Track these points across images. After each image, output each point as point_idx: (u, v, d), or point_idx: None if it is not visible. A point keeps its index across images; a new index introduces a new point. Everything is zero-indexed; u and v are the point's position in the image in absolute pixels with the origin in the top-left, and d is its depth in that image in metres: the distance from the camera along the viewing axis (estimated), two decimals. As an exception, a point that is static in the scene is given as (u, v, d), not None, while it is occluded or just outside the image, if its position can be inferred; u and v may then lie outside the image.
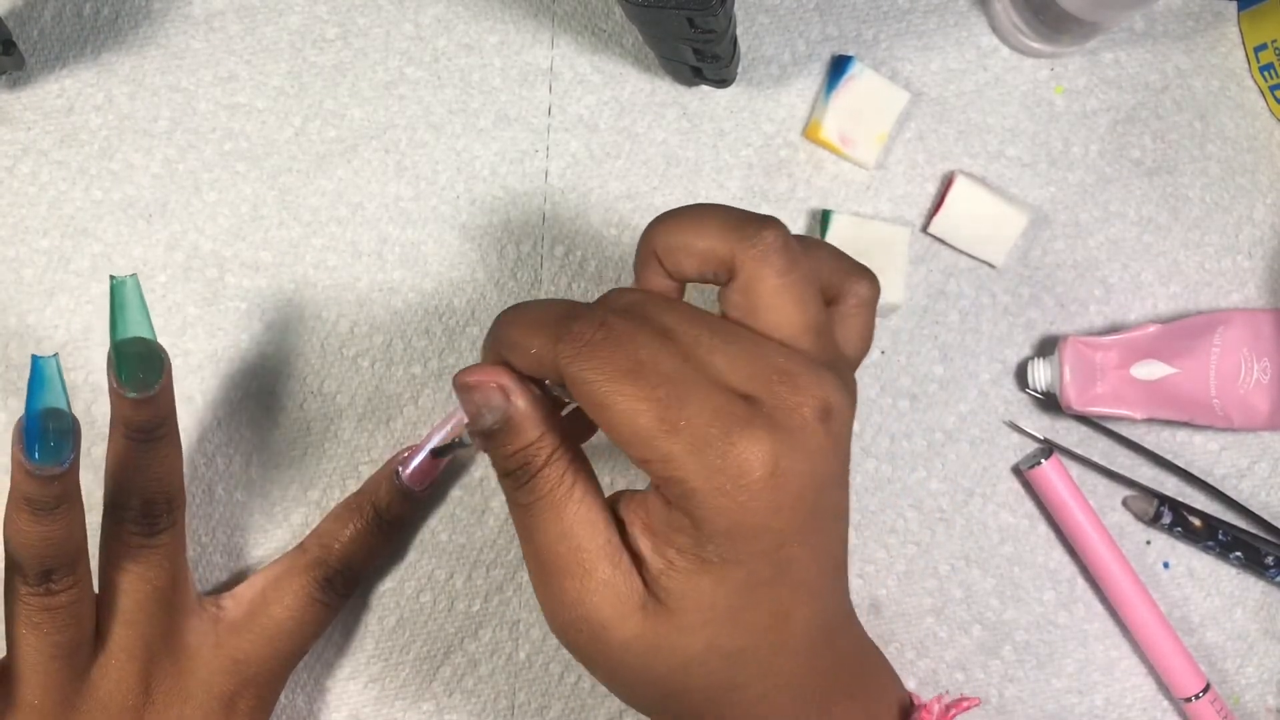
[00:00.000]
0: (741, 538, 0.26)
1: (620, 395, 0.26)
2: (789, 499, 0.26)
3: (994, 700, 0.44)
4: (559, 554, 0.28)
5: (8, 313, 0.43)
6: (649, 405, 0.26)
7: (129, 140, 0.44)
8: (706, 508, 0.26)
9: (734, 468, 0.26)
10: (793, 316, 0.28)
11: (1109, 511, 0.44)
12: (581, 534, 0.28)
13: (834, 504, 0.28)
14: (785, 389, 0.27)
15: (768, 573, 0.27)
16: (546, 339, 0.27)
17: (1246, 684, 0.44)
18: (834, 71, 0.44)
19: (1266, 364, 0.43)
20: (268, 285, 0.43)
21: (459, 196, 0.44)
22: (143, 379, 0.33)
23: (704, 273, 0.30)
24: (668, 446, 0.26)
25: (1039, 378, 0.43)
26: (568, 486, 0.29)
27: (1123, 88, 0.45)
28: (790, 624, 0.28)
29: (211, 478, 0.42)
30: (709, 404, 0.26)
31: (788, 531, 0.27)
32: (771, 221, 0.29)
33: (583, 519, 0.28)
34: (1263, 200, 0.45)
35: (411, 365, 0.43)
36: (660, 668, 0.28)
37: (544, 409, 0.29)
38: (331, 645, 0.42)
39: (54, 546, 0.31)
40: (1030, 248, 0.45)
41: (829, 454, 0.27)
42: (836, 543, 0.29)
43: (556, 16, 0.45)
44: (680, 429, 0.26)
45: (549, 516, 0.28)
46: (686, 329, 0.28)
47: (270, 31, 0.44)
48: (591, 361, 0.26)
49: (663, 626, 0.27)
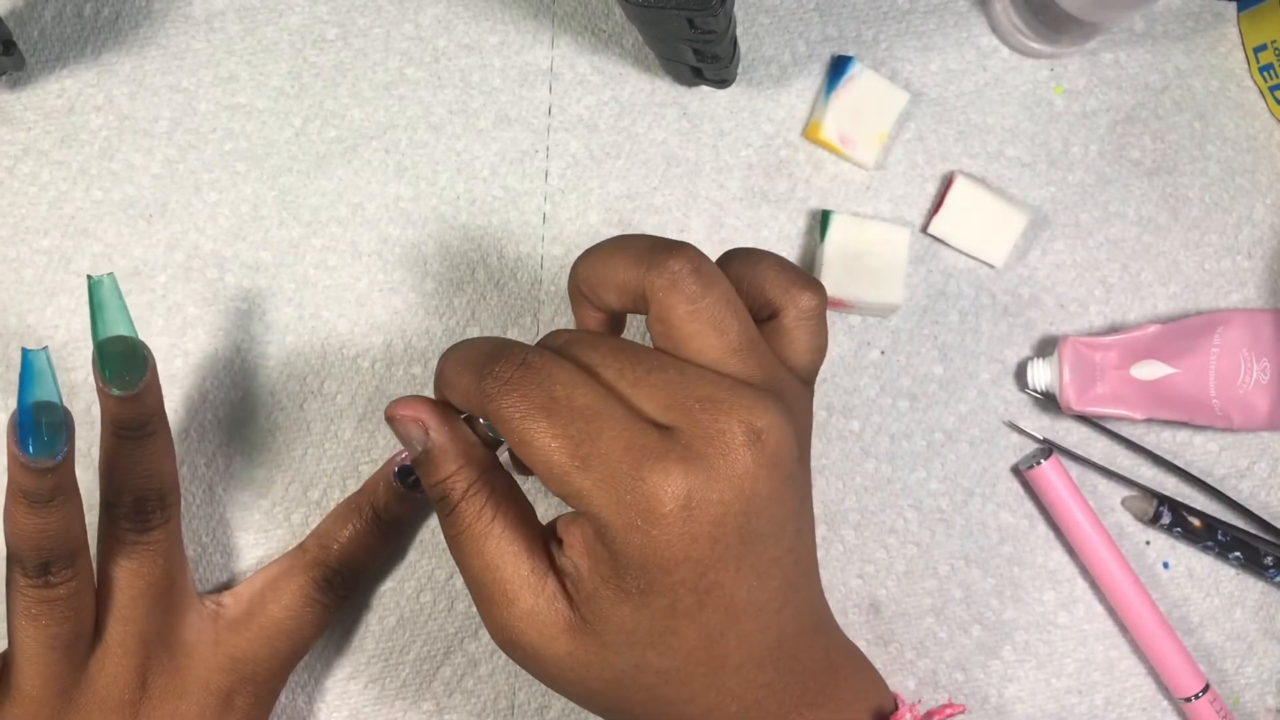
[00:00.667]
0: (658, 569, 0.27)
1: (535, 431, 0.27)
2: (706, 528, 0.26)
3: (994, 700, 0.44)
4: (485, 583, 0.29)
5: (8, 313, 0.43)
6: (562, 442, 0.27)
7: (129, 140, 0.44)
8: (620, 542, 0.27)
9: (644, 502, 0.26)
10: (712, 341, 0.29)
11: (1109, 511, 0.44)
12: (503, 565, 0.29)
13: (770, 524, 0.28)
14: (707, 416, 0.27)
15: (691, 600, 0.27)
16: (472, 377, 0.28)
17: (1246, 684, 0.44)
18: (834, 72, 0.44)
19: (1266, 364, 0.43)
20: (268, 285, 0.43)
21: (459, 197, 0.44)
22: (127, 377, 0.33)
23: (624, 305, 0.30)
24: (580, 482, 0.27)
25: (1039, 378, 0.43)
26: (487, 521, 0.30)
27: (1122, 88, 0.46)
28: (725, 643, 0.28)
29: (212, 478, 0.42)
30: (621, 439, 0.27)
31: (709, 560, 0.27)
32: (679, 248, 0.29)
33: (504, 551, 0.29)
34: (1262, 200, 0.46)
35: (411, 365, 0.43)
36: (595, 682, 0.29)
37: (462, 445, 0.31)
38: (331, 645, 0.42)
39: (51, 539, 0.32)
40: (1030, 248, 0.45)
41: (757, 477, 0.27)
42: (781, 561, 0.29)
43: (556, 17, 0.45)
44: (591, 464, 0.26)
45: (471, 548, 0.30)
46: (609, 364, 0.28)
47: (270, 32, 0.44)
48: (509, 399, 0.27)
49: (591, 646, 0.28)
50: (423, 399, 0.31)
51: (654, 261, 0.29)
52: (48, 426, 0.30)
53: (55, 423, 0.30)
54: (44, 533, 0.32)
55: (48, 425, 0.30)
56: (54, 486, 0.31)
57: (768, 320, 0.32)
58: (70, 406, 0.32)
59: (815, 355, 0.32)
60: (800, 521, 0.29)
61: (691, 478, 0.26)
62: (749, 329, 0.29)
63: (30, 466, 0.30)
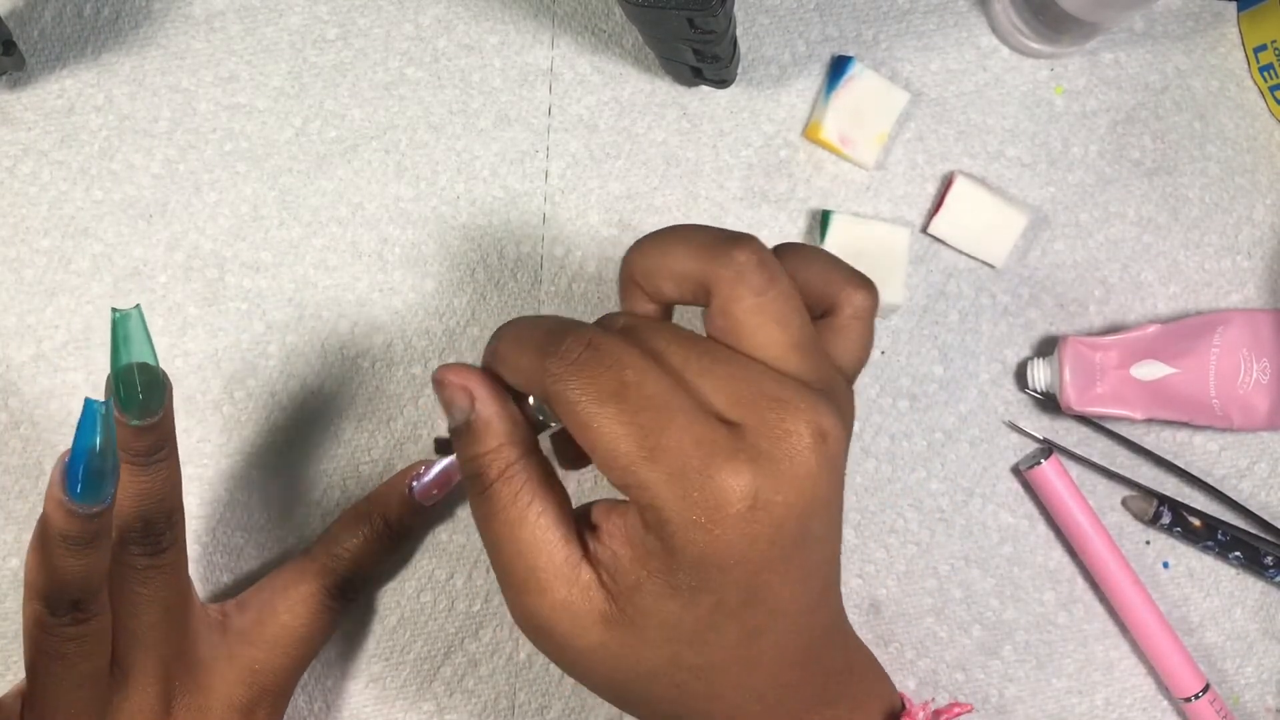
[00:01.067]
0: (714, 568, 0.26)
1: (603, 417, 0.26)
2: (768, 530, 0.26)
3: (994, 700, 0.44)
4: (516, 570, 0.28)
5: (8, 313, 0.43)
6: (630, 430, 0.26)
7: (129, 140, 0.44)
8: (680, 538, 0.26)
9: (711, 500, 0.25)
10: (775, 336, 0.28)
11: (1109, 511, 0.44)
12: (538, 553, 0.28)
13: (823, 527, 0.28)
14: (774, 415, 0.26)
15: (739, 599, 0.27)
16: (534, 355, 0.27)
17: (1246, 684, 0.44)
18: (834, 72, 0.44)
19: (1266, 364, 0.43)
20: (268, 285, 0.43)
21: (459, 197, 0.44)
22: (146, 406, 0.32)
23: (683, 296, 0.29)
24: (646, 474, 0.26)
25: (1039, 378, 0.43)
26: (523, 505, 0.28)
27: (1122, 88, 0.46)
28: (762, 642, 0.28)
29: (213, 478, 0.42)
30: (691, 432, 0.26)
31: (764, 561, 0.26)
32: (745, 240, 0.28)
33: (538, 538, 0.28)
34: (1262, 200, 0.46)
35: (412, 365, 0.43)
36: (623, 675, 0.28)
37: (508, 422, 0.29)
38: (332, 645, 0.42)
39: (83, 581, 0.31)
40: (1030, 248, 0.45)
41: (819, 480, 0.27)
42: (824, 563, 0.29)
43: (556, 17, 0.45)
44: (659, 457, 0.25)
45: (504, 533, 0.28)
46: (674, 351, 0.27)
47: (270, 32, 0.44)
48: (576, 380, 0.26)
49: (626, 639, 0.27)
50: (473, 368, 0.30)
51: (719, 252, 0.28)
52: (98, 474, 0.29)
53: (107, 470, 0.29)
54: (79, 575, 0.30)
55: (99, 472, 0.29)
56: (95, 531, 0.30)
57: (820, 318, 0.31)
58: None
59: (863, 356, 0.32)
60: (839, 523, 0.29)
61: (760, 478, 0.26)
62: (808, 325, 0.29)
63: (76, 512, 0.29)
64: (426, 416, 0.43)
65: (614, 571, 0.28)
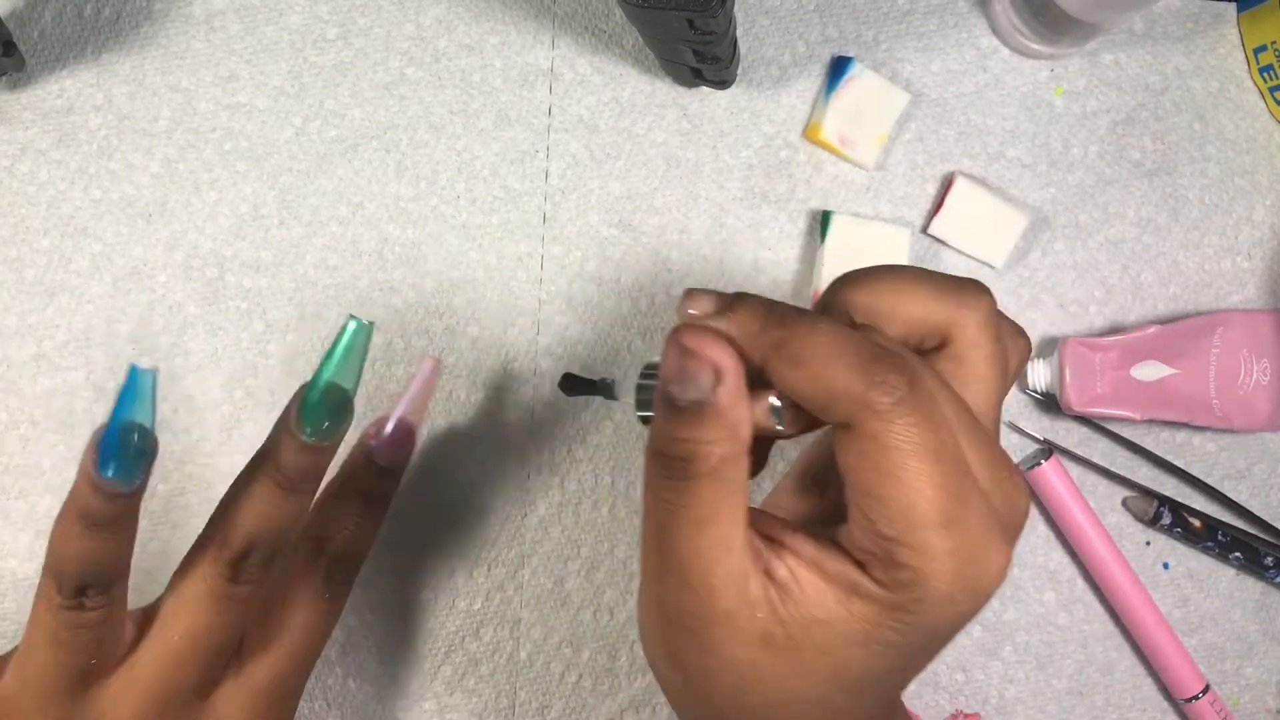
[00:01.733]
0: (930, 638, 0.25)
1: (916, 472, 0.23)
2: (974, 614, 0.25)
3: (994, 701, 0.44)
4: (690, 567, 0.26)
5: (8, 313, 0.43)
6: (939, 495, 0.23)
7: (129, 140, 0.44)
8: (927, 611, 0.24)
9: (979, 582, 0.24)
10: (996, 385, 0.27)
11: (1109, 512, 0.44)
12: (717, 558, 0.25)
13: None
14: (1013, 490, 0.25)
15: (908, 659, 0.26)
16: (855, 376, 0.24)
17: (1246, 684, 0.44)
18: (834, 73, 0.44)
19: (1266, 365, 0.43)
20: (268, 285, 0.43)
21: (459, 196, 0.44)
22: (325, 426, 0.31)
23: (908, 338, 0.27)
24: (935, 541, 0.23)
25: (1039, 378, 0.43)
26: (720, 505, 0.26)
27: (1122, 89, 0.46)
28: (890, 691, 0.27)
29: (212, 478, 0.42)
30: (979, 506, 0.24)
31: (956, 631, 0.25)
32: (985, 287, 0.27)
33: (722, 544, 0.26)
34: (1262, 201, 0.46)
35: (411, 365, 0.43)
36: (754, 696, 0.26)
37: (744, 418, 0.26)
38: (332, 645, 0.42)
39: (96, 564, 0.30)
40: (1030, 248, 0.45)
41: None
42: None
43: (557, 17, 0.45)
44: (953, 529, 0.23)
45: (690, 528, 0.26)
46: (948, 402, 0.25)
47: (271, 31, 0.44)
48: (901, 424, 0.24)
49: (779, 663, 0.25)
50: (725, 344, 0.26)
51: (968, 297, 0.27)
52: (135, 451, 0.28)
53: (143, 449, 0.28)
54: (92, 556, 0.30)
55: (135, 450, 0.28)
56: (118, 513, 0.29)
57: (930, 352, 0.28)
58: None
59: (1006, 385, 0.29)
60: None
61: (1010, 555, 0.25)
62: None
63: (102, 488, 0.28)
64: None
65: (795, 597, 0.26)
